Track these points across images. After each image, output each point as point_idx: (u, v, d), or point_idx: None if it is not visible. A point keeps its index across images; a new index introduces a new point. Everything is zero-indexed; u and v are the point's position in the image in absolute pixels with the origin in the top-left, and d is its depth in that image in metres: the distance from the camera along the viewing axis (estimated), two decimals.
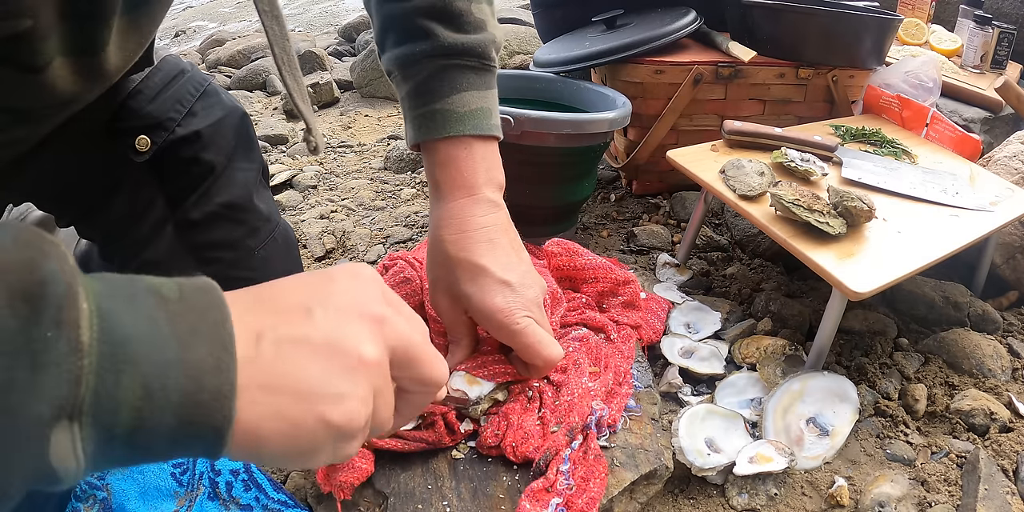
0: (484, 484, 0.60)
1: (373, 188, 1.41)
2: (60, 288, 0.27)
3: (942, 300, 0.94)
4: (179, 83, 0.81)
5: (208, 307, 0.32)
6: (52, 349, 0.26)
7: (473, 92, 0.67)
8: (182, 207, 0.81)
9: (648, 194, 1.29)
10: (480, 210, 0.66)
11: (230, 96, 0.89)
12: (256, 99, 2.08)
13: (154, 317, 0.29)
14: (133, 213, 0.81)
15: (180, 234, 0.82)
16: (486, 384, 0.65)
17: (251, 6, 3.78)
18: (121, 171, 0.79)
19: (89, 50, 0.57)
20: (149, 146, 0.78)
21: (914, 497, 0.69)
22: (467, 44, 0.67)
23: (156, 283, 0.31)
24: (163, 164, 0.80)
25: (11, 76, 0.53)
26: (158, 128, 0.78)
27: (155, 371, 0.28)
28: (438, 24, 0.66)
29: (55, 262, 0.27)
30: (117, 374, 0.27)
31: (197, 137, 0.81)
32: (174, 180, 0.81)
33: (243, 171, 0.86)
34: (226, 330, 0.31)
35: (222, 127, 0.84)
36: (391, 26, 0.68)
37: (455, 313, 0.67)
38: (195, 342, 0.30)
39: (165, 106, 0.79)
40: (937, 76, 1.14)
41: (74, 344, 0.26)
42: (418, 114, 0.67)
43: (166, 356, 0.28)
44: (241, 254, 0.85)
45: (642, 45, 1.11)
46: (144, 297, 0.30)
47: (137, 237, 0.82)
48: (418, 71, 0.67)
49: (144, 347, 0.28)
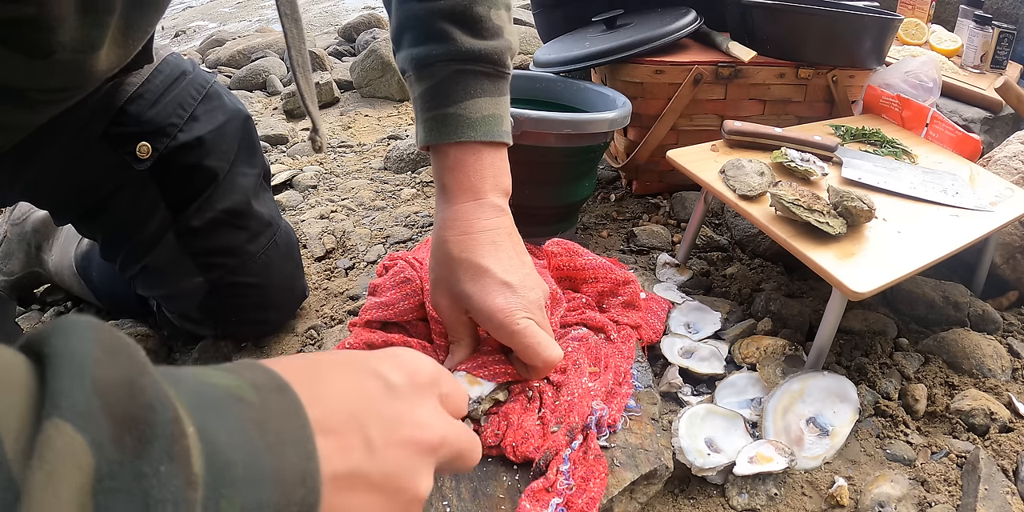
0: (484, 484, 0.60)
1: (373, 188, 1.41)
2: (168, 414, 0.23)
3: (942, 300, 0.94)
4: (180, 86, 0.81)
5: (288, 412, 0.29)
6: (167, 485, 0.22)
7: (486, 98, 0.68)
8: (184, 214, 0.81)
9: (648, 194, 1.29)
10: (485, 214, 0.66)
11: (233, 97, 0.88)
12: (256, 99, 2.08)
13: (245, 430, 0.27)
14: (134, 218, 0.81)
15: (181, 240, 0.81)
16: (487, 384, 0.65)
17: (251, 6, 3.76)
18: (122, 177, 0.78)
19: (87, 48, 0.57)
20: (150, 153, 0.77)
21: (914, 497, 0.69)
22: (484, 50, 0.67)
23: (233, 386, 0.28)
24: (165, 171, 0.79)
25: (11, 57, 0.53)
26: (159, 134, 0.78)
27: (251, 490, 0.26)
28: (457, 28, 0.66)
29: (153, 376, 0.24)
30: (219, 500, 0.24)
31: (199, 143, 0.80)
32: (176, 187, 0.80)
33: (245, 176, 0.86)
34: (308, 435, 0.29)
35: (225, 132, 0.84)
36: (410, 25, 0.68)
37: (456, 313, 0.67)
38: (283, 452, 0.28)
39: (166, 111, 0.78)
40: (937, 76, 1.14)
41: (189, 478, 0.23)
42: (430, 117, 0.68)
43: (261, 472, 0.26)
44: (242, 259, 0.85)
45: (642, 45, 1.11)
46: (228, 406, 0.27)
47: (138, 242, 0.81)
48: (433, 74, 0.67)
49: (242, 469, 0.26)
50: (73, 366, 0.22)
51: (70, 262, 1.02)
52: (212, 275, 0.83)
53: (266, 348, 0.93)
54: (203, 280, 0.83)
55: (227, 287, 0.84)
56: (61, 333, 0.23)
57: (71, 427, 0.20)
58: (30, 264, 1.09)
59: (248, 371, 0.30)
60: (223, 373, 0.29)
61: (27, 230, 1.09)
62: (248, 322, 0.90)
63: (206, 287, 0.84)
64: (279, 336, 0.95)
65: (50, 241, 1.08)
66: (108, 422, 0.22)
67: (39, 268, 1.09)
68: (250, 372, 0.30)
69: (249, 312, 0.89)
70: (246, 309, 0.88)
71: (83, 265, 1.00)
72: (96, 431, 0.21)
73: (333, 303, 1.02)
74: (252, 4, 4.72)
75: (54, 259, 1.06)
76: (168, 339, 0.96)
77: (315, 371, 0.34)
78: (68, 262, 1.02)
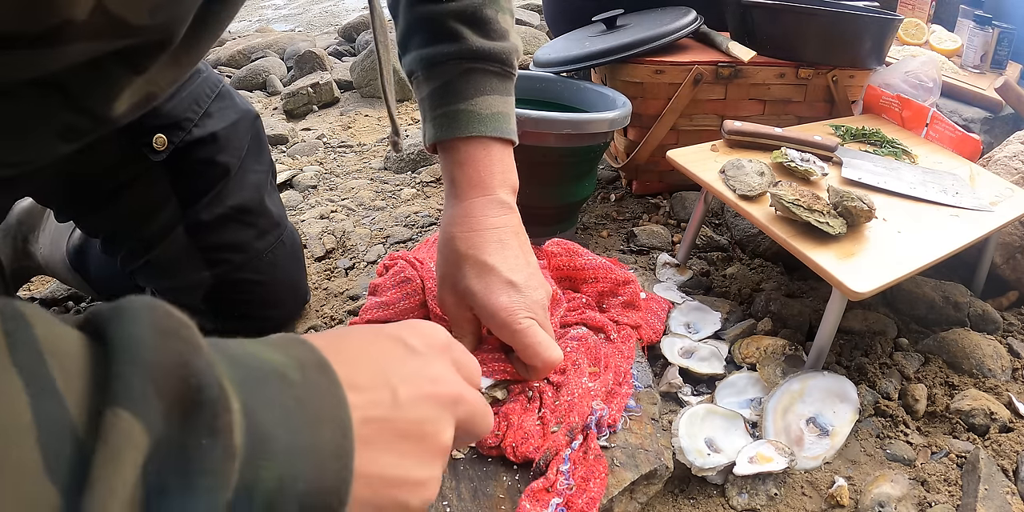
0: (484, 484, 0.60)
1: (373, 188, 1.41)
2: (214, 392, 0.26)
3: (942, 300, 0.94)
4: (195, 83, 0.82)
5: (328, 391, 0.32)
6: (207, 457, 0.25)
7: (495, 96, 0.69)
8: (194, 208, 0.82)
9: (648, 194, 1.29)
10: (493, 211, 0.67)
11: (242, 98, 0.90)
12: (256, 99, 2.08)
13: (287, 406, 0.29)
14: (143, 211, 0.81)
15: (190, 234, 0.82)
16: (484, 380, 0.66)
17: (251, 6, 3.75)
18: (135, 168, 0.79)
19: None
20: (166, 145, 0.79)
21: (914, 497, 0.69)
22: (493, 50, 0.68)
23: (279, 363, 0.31)
24: (178, 164, 0.80)
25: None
26: (175, 127, 0.79)
27: (289, 462, 0.28)
28: (467, 28, 0.67)
29: (204, 356, 0.26)
30: (258, 470, 0.27)
31: (213, 139, 0.81)
32: (189, 181, 0.81)
33: (255, 174, 0.87)
34: (345, 413, 0.31)
35: (237, 129, 0.85)
36: (420, 27, 0.70)
37: (460, 310, 0.68)
38: (321, 429, 0.30)
39: (183, 105, 0.79)
40: (937, 76, 1.14)
41: (230, 450, 0.25)
42: (440, 113, 0.68)
43: (298, 446, 0.28)
44: (249, 256, 0.86)
45: (642, 45, 1.11)
46: (273, 383, 0.29)
47: (146, 235, 0.82)
48: (443, 72, 0.68)
49: (280, 442, 0.28)
50: (130, 352, 0.24)
51: (62, 255, 1.01)
52: (218, 270, 0.84)
53: None
54: (209, 274, 0.84)
55: (232, 283, 0.85)
56: (120, 317, 0.26)
57: (129, 413, 0.23)
58: (18, 259, 1.06)
59: (294, 347, 0.32)
60: (272, 349, 0.31)
61: (11, 222, 1.05)
62: (250, 318, 0.91)
63: (211, 281, 0.84)
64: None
65: (36, 232, 1.05)
66: (160, 402, 0.24)
67: (27, 261, 1.06)
68: (296, 348, 0.32)
69: (252, 308, 0.90)
70: (249, 305, 0.89)
71: (77, 259, 1.00)
72: (150, 413, 0.24)
73: (333, 303, 1.02)
74: (252, 4, 4.72)
75: (44, 251, 1.03)
76: None
77: (345, 342, 0.37)
78: (60, 255, 1.01)
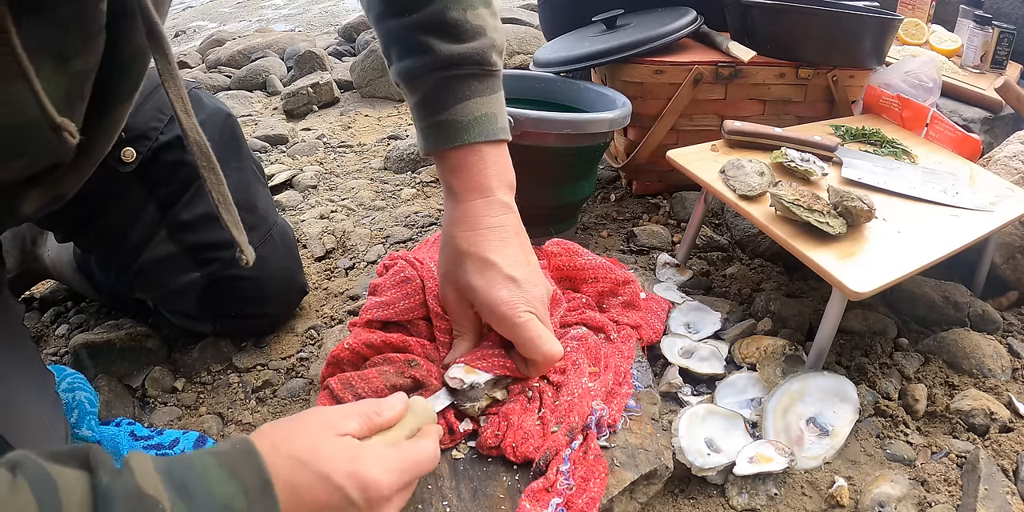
0: (484, 484, 0.60)
1: (373, 188, 1.41)
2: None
3: (942, 300, 0.94)
4: (160, 93, 0.82)
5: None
6: None
7: (477, 99, 0.69)
8: (173, 210, 0.82)
9: (648, 194, 1.29)
10: (493, 211, 0.68)
11: (213, 99, 0.90)
12: (256, 99, 2.08)
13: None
14: (125, 220, 0.82)
15: (174, 236, 0.83)
16: (483, 374, 0.66)
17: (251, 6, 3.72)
18: (109, 181, 0.79)
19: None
20: (135, 157, 0.79)
21: (914, 497, 0.69)
22: (464, 53, 0.68)
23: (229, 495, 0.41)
24: (149, 171, 0.81)
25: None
26: (142, 138, 0.80)
27: None
28: (433, 37, 0.67)
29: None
30: None
31: (180, 141, 0.81)
32: (162, 184, 0.82)
33: (233, 170, 0.87)
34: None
35: (204, 128, 0.84)
36: (392, 42, 0.70)
37: (462, 307, 0.69)
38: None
39: (147, 116, 0.80)
40: (937, 76, 1.14)
41: None
42: (425, 126, 0.70)
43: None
44: (237, 252, 0.85)
45: (642, 45, 1.11)
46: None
47: (132, 243, 0.83)
48: (421, 84, 0.69)
49: None
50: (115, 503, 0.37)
51: (69, 258, 1.01)
52: (208, 269, 0.84)
53: (266, 348, 0.93)
54: (199, 275, 0.84)
55: (223, 280, 0.85)
56: (112, 478, 0.39)
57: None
58: (25, 261, 1.07)
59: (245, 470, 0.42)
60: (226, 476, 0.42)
61: (20, 226, 1.06)
62: (246, 316, 0.91)
63: (203, 283, 0.85)
64: (279, 336, 0.95)
65: (44, 235, 1.06)
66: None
67: (35, 264, 1.07)
68: (246, 471, 0.42)
69: (246, 306, 0.90)
70: (243, 303, 0.89)
71: (84, 261, 1.00)
72: None
73: (333, 303, 1.02)
74: (252, 4, 4.72)
75: (51, 254, 1.05)
76: (168, 339, 0.96)
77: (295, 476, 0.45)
78: (68, 258, 1.02)
